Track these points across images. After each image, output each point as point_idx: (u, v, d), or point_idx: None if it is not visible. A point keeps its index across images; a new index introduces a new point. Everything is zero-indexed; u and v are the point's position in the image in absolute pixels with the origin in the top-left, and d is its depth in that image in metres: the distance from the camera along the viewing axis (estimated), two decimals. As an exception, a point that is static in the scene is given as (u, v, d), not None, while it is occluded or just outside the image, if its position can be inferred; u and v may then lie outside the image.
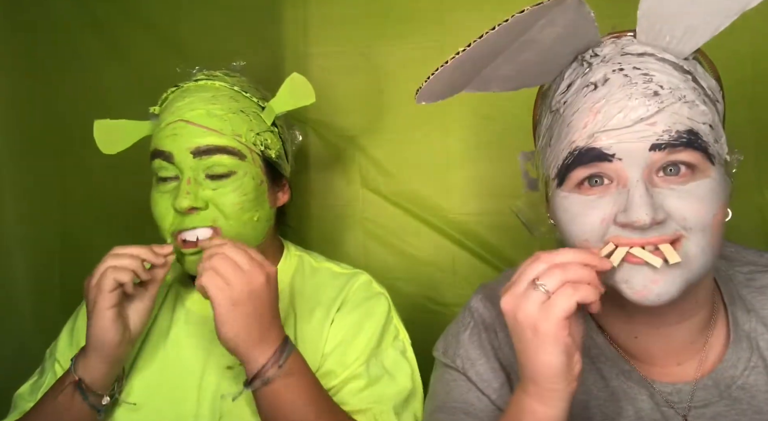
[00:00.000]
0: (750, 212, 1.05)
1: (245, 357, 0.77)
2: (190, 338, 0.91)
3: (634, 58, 0.62)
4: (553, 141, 0.66)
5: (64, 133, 1.36)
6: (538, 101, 0.75)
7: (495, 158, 1.16)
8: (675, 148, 0.59)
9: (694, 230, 0.59)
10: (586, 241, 0.62)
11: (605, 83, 0.61)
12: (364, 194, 1.23)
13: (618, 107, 0.60)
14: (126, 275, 0.79)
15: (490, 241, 1.17)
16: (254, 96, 0.94)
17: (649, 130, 0.59)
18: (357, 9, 1.20)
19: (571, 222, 0.63)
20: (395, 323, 0.94)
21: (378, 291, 0.96)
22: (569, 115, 0.63)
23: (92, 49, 1.34)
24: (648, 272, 0.59)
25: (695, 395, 0.66)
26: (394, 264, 1.21)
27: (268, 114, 0.93)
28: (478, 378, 0.73)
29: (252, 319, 0.76)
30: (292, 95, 0.94)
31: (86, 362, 0.81)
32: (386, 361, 0.90)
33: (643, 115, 0.59)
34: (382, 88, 1.20)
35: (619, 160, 0.60)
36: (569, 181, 0.63)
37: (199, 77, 0.93)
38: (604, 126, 0.60)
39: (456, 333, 0.78)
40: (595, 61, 0.64)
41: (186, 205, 0.83)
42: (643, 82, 0.60)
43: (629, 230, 0.59)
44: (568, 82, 0.66)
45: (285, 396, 0.77)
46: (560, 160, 0.64)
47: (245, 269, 0.76)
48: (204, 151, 0.85)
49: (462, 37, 1.20)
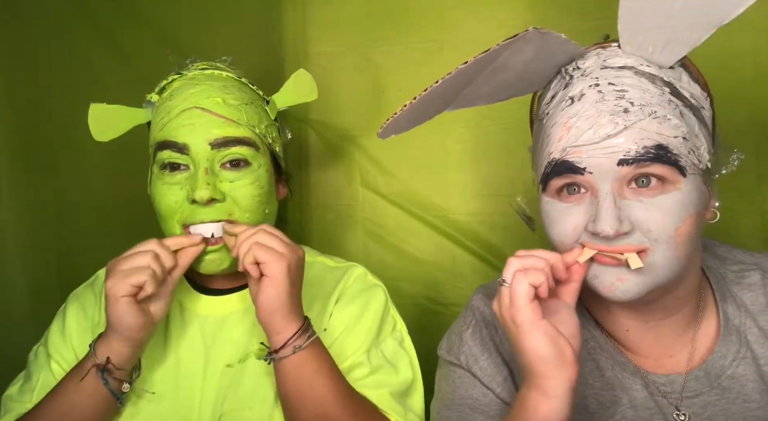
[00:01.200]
0: (750, 212, 1.04)
1: (279, 324, 0.78)
2: (189, 337, 0.90)
3: (613, 72, 0.65)
4: (538, 148, 0.71)
5: (61, 134, 1.35)
6: (533, 104, 0.78)
7: (495, 158, 1.16)
8: (643, 163, 0.62)
9: (659, 241, 0.63)
10: (562, 243, 0.67)
11: (581, 99, 0.65)
12: (364, 194, 1.23)
13: (588, 123, 0.64)
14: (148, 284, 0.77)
15: (490, 241, 1.17)
16: (258, 89, 0.94)
17: (617, 147, 0.63)
18: (357, 9, 1.20)
19: (550, 226, 0.69)
20: (392, 314, 0.95)
21: (374, 282, 0.96)
22: (549, 126, 0.68)
23: (92, 50, 1.34)
24: (615, 271, 0.64)
25: (687, 386, 0.70)
26: (394, 264, 1.21)
27: (272, 108, 0.94)
28: (482, 373, 0.76)
29: (293, 289, 0.79)
30: (296, 91, 0.94)
31: (109, 345, 0.79)
32: (386, 351, 0.90)
33: (611, 132, 0.63)
34: (382, 88, 1.20)
35: (590, 174, 0.64)
36: (549, 188, 0.68)
37: (204, 66, 0.92)
38: (575, 141, 0.64)
39: (459, 332, 0.81)
40: (576, 75, 0.67)
41: (207, 196, 0.81)
42: (615, 99, 0.64)
43: (597, 238, 0.64)
44: (552, 93, 0.70)
45: (309, 367, 0.79)
46: (542, 169, 0.69)
47: (287, 243, 0.79)
48: (222, 143, 0.84)
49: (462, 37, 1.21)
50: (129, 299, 0.77)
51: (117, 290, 0.76)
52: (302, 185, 1.26)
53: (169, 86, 0.90)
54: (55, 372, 0.89)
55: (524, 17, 1.12)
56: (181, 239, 0.83)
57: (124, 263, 0.78)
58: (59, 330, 0.93)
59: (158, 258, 0.79)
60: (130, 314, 0.77)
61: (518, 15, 1.13)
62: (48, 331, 0.94)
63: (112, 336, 0.79)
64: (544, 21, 1.11)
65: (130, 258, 0.78)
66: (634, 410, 0.70)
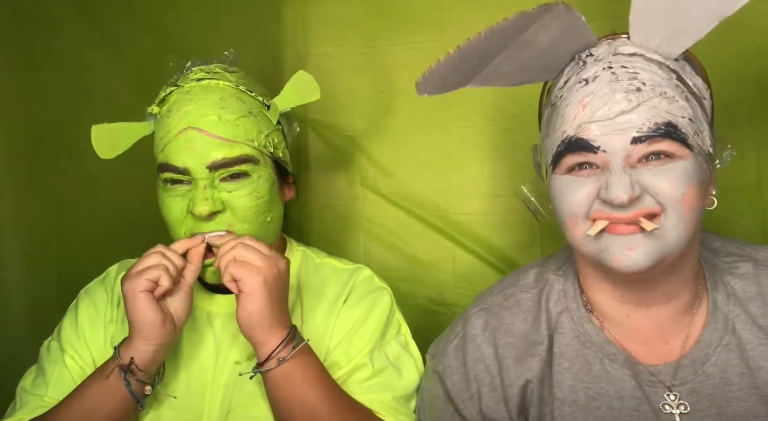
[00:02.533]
0: (750, 212, 1.04)
1: (261, 338, 0.79)
2: (199, 334, 0.92)
3: (624, 57, 0.70)
4: (550, 131, 0.74)
5: (60, 134, 1.35)
6: (543, 97, 0.81)
7: (495, 158, 1.16)
8: (654, 140, 0.66)
9: (667, 205, 0.66)
10: (575, 215, 0.70)
11: (595, 80, 0.69)
12: (364, 194, 1.23)
13: (603, 101, 0.67)
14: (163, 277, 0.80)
15: (490, 241, 1.17)
16: (258, 94, 0.93)
17: (630, 123, 0.66)
18: (357, 9, 1.20)
19: (562, 200, 0.71)
20: (397, 318, 0.95)
21: (380, 285, 0.97)
22: (563, 107, 0.71)
23: (92, 50, 1.33)
24: (625, 240, 0.67)
25: (675, 374, 0.73)
26: (394, 264, 1.21)
27: (274, 113, 0.93)
28: (453, 387, 0.81)
29: (273, 302, 0.79)
30: (297, 92, 0.94)
31: (132, 347, 0.80)
32: (390, 354, 0.91)
33: (625, 108, 0.66)
34: (382, 88, 1.20)
35: (603, 152, 0.67)
36: (561, 165, 0.71)
37: (200, 76, 0.90)
38: (591, 117, 0.68)
39: (446, 341, 0.85)
40: (589, 60, 0.71)
41: (207, 211, 0.83)
42: (628, 79, 0.68)
43: (610, 206, 0.67)
44: (565, 78, 0.73)
45: (295, 378, 0.80)
46: (554, 148, 0.72)
47: (267, 255, 0.81)
48: (220, 165, 0.84)
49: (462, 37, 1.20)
50: (147, 294, 0.79)
51: (134, 287, 0.79)
52: (302, 185, 1.26)
53: (168, 98, 0.90)
54: (69, 366, 0.90)
55: (524, 17, 1.12)
56: (185, 242, 0.85)
57: (135, 266, 0.81)
58: (72, 325, 0.94)
59: (167, 257, 0.81)
60: (149, 309, 0.79)
61: (518, 15, 1.13)
62: (60, 326, 0.96)
63: (135, 337, 0.80)
64: (545, 21, 1.11)
65: (141, 261, 0.82)
66: (620, 400, 0.74)
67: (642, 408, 0.73)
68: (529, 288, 0.83)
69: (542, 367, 0.77)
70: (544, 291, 0.82)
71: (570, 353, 0.77)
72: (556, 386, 0.76)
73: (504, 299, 0.84)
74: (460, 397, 0.80)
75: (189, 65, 0.93)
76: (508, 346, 0.79)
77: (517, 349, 0.79)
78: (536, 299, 0.82)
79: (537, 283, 0.84)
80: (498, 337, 0.80)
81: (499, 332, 0.80)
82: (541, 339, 0.79)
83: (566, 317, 0.79)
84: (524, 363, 0.78)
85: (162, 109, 0.90)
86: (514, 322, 0.81)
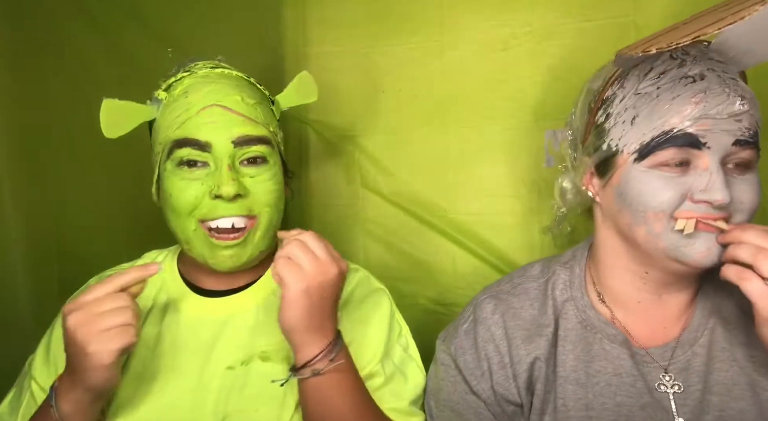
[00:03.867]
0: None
1: (299, 344, 0.78)
2: (186, 342, 0.88)
3: (717, 64, 0.74)
4: (638, 120, 0.75)
5: (62, 134, 1.35)
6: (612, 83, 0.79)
7: (495, 158, 1.16)
8: (749, 146, 0.72)
9: (744, 212, 0.72)
10: (662, 212, 0.72)
11: (703, 79, 0.72)
12: (364, 194, 1.23)
13: (717, 101, 0.70)
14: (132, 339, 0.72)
15: (490, 241, 1.17)
16: (265, 89, 0.94)
17: (737, 125, 0.71)
18: (357, 9, 1.21)
19: (650, 195, 0.73)
20: (398, 319, 0.95)
21: (378, 286, 0.97)
22: (666, 99, 0.73)
23: (92, 50, 1.33)
24: (709, 237, 0.71)
25: (671, 357, 0.78)
26: (394, 264, 1.21)
27: (278, 108, 0.94)
28: (465, 366, 0.85)
29: (316, 309, 0.77)
30: (298, 92, 0.95)
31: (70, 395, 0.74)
32: (395, 358, 0.91)
33: (737, 111, 0.70)
34: (382, 88, 1.20)
35: (707, 149, 0.71)
36: (654, 157, 0.73)
37: (212, 65, 0.91)
38: (706, 113, 0.70)
39: (456, 325, 0.89)
40: (687, 59, 0.74)
41: (234, 191, 0.81)
42: (734, 85, 0.72)
43: (704, 205, 0.71)
44: (659, 70, 0.75)
45: (331, 390, 0.78)
46: (648, 137, 0.73)
47: (321, 260, 0.78)
48: (244, 141, 0.84)
49: (462, 38, 1.21)
50: (116, 363, 0.72)
51: (103, 358, 0.70)
52: (302, 185, 1.26)
53: (178, 84, 0.88)
54: (35, 393, 0.86)
55: (524, 17, 1.12)
56: (140, 273, 0.77)
57: (102, 320, 0.71)
58: (44, 351, 0.90)
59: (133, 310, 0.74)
60: (114, 375, 0.73)
61: (519, 15, 1.13)
62: (39, 346, 0.91)
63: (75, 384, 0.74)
64: (545, 21, 1.11)
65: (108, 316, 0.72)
66: (618, 377, 0.78)
67: (638, 385, 0.77)
68: (536, 278, 0.88)
69: (549, 347, 0.82)
70: (551, 281, 0.87)
71: (573, 336, 0.82)
72: (559, 365, 0.80)
73: (512, 287, 0.88)
74: (472, 374, 0.84)
75: (189, 60, 0.92)
76: (516, 327, 0.84)
77: (526, 330, 0.83)
78: (542, 288, 0.87)
79: (543, 274, 0.88)
80: (507, 319, 0.84)
81: (507, 315, 0.85)
82: (548, 322, 0.83)
83: (571, 305, 0.84)
84: (532, 342, 0.82)
85: (172, 93, 0.88)
86: (522, 307, 0.86)
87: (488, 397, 0.83)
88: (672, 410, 0.75)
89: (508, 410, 0.83)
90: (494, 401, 0.83)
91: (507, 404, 0.83)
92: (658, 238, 0.73)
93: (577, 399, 0.78)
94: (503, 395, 0.82)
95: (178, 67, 0.92)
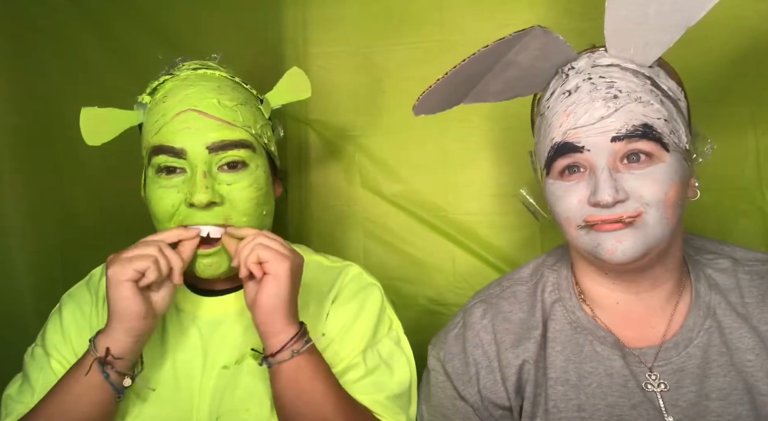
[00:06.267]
0: (751, 212, 1.05)
1: (278, 326, 0.78)
2: (186, 338, 0.89)
3: (602, 68, 0.76)
4: (541, 138, 0.81)
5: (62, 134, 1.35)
6: (533, 107, 0.87)
7: (495, 158, 1.16)
8: (632, 139, 0.73)
9: (650, 204, 0.72)
10: (568, 218, 0.76)
11: (576, 90, 0.76)
12: (364, 194, 1.23)
13: (584, 109, 0.74)
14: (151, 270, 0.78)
15: (490, 241, 1.17)
16: (251, 87, 0.93)
17: (609, 126, 0.73)
18: (357, 9, 1.21)
19: (557, 204, 0.78)
20: (389, 313, 0.95)
21: (370, 281, 0.96)
22: (551, 117, 0.78)
23: (92, 50, 1.33)
24: (614, 234, 0.73)
25: (659, 356, 0.79)
26: (394, 264, 1.21)
27: (266, 107, 0.93)
28: (453, 371, 0.86)
29: (293, 293, 0.80)
30: (289, 89, 0.94)
31: (109, 335, 0.78)
32: (382, 351, 0.90)
33: (604, 114, 0.73)
34: (382, 88, 1.20)
35: (588, 151, 0.74)
36: (553, 170, 0.78)
37: (196, 66, 0.90)
38: (575, 124, 0.75)
39: (446, 330, 0.90)
40: (571, 73, 0.78)
41: (206, 200, 0.81)
42: (606, 88, 0.75)
43: (598, 208, 0.73)
44: (551, 90, 0.80)
45: (306, 373, 0.79)
46: (545, 154, 0.78)
47: (288, 247, 0.81)
48: (219, 147, 0.83)
49: (462, 38, 1.21)
50: (131, 284, 0.77)
51: (119, 274, 0.76)
52: (302, 185, 1.26)
53: (161, 87, 0.89)
54: (56, 371, 0.87)
55: (524, 17, 1.12)
56: (180, 231, 0.83)
57: (126, 251, 0.79)
58: (56, 329, 0.92)
59: (161, 250, 0.79)
60: (133, 300, 0.77)
61: (518, 15, 1.13)
62: (43, 331, 0.93)
63: (113, 325, 0.78)
64: (545, 21, 1.11)
65: (134, 247, 0.79)
66: (609, 377, 0.79)
67: (629, 385, 0.78)
68: (525, 281, 0.89)
69: (537, 349, 0.82)
70: (540, 283, 0.88)
71: (562, 337, 0.83)
72: (549, 367, 0.81)
73: (501, 290, 0.89)
74: (460, 380, 0.85)
75: (179, 60, 0.92)
76: (505, 332, 0.84)
77: (514, 334, 0.84)
78: (532, 291, 0.88)
79: (532, 277, 0.90)
80: (496, 324, 0.85)
81: (497, 320, 0.86)
82: (536, 325, 0.84)
83: (559, 306, 0.85)
84: (521, 346, 0.83)
85: (155, 97, 0.88)
86: (512, 310, 0.86)
87: (475, 402, 0.83)
88: (661, 408, 0.76)
89: (496, 414, 0.83)
90: (481, 406, 0.83)
91: (495, 408, 0.83)
92: (577, 241, 0.77)
93: (568, 400, 0.79)
94: (491, 400, 0.83)
95: (167, 68, 0.92)
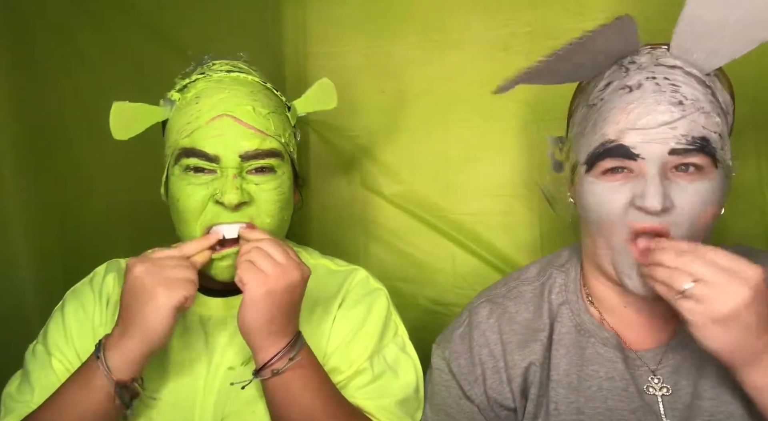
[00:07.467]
0: (751, 212, 1.04)
1: (257, 346, 0.78)
2: (191, 338, 0.89)
3: (666, 69, 0.73)
4: (587, 131, 0.77)
5: (63, 134, 1.35)
6: (577, 95, 0.84)
7: (495, 158, 1.16)
8: (689, 152, 0.70)
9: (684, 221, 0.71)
10: (611, 221, 0.73)
11: (639, 88, 0.72)
12: (364, 194, 1.23)
13: (648, 110, 0.71)
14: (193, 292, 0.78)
15: (490, 241, 1.17)
16: (281, 94, 0.93)
17: (670, 134, 0.70)
18: (357, 9, 1.20)
19: (598, 204, 0.75)
20: (394, 319, 0.95)
21: (376, 286, 0.96)
22: (606, 110, 0.74)
23: (92, 50, 1.33)
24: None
25: (663, 360, 0.78)
26: (394, 264, 1.21)
27: (293, 114, 0.93)
28: (459, 370, 0.85)
29: (277, 312, 0.78)
30: (318, 99, 0.95)
31: (123, 346, 0.77)
32: (388, 357, 0.90)
33: (668, 119, 0.70)
34: (382, 89, 1.20)
35: (642, 160, 0.71)
36: (597, 167, 0.74)
37: (228, 68, 0.90)
38: (634, 125, 0.71)
39: (452, 329, 0.89)
40: (632, 68, 0.74)
41: (237, 200, 0.81)
42: (671, 92, 0.71)
43: (643, 213, 0.71)
44: (606, 81, 0.76)
45: (294, 387, 0.78)
46: (592, 148, 0.75)
47: (282, 264, 0.78)
48: (252, 156, 0.83)
49: (462, 37, 1.21)
50: (177, 310, 0.76)
51: (169, 299, 0.75)
52: (302, 185, 1.26)
53: (192, 86, 0.88)
54: (57, 370, 0.87)
55: (525, 17, 1.12)
56: (201, 243, 0.82)
57: (168, 271, 0.77)
58: (58, 327, 0.91)
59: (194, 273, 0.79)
60: (170, 322, 0.76)
61: (519, 15, 1.13)
62: (45, 329, 0.93)
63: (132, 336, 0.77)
64: (545, 21, 1.11)
65: (173, 269, 0.77)
66: (610, 381, 0.78)
67: (629, 389, 0.77)
68: (531, 281, 0.88)
69: (543, 351, 0.82)
70: (547, 284, 0.87)
71: (567, 340, 0.82)
72: (553, 369, 0.81)
73: (507, 290, 0.88)
74: (466, 379, 0.84)
75: (208, 58, 0.92)
76: (512, 332, 0.84)
77: (521, 335, 0.83)
78: (538, 291, 0.86)
79: (539, 277, 0.88)
80: (502, 324, 0.84)
81: (503, 320, 0.85)
82: (542, 327, 0.83)
83: (566, 308, 0.84)
84: (527, 347, 0.82)
85: (185, 95, 0.88)
86: (518, 311, 0.85)
87: (481, 402, 0.83)
88: (660, 412, 0.75)
89: (501, 414, 0.83)
90: (487, 406, 0.83)
91: (500, 408, 0.83)
92: (610, 250, 0.75)
93: (568, 403, 0.79)
94: (497, 400, 0.82)
95: (194, 66, 0.91)
